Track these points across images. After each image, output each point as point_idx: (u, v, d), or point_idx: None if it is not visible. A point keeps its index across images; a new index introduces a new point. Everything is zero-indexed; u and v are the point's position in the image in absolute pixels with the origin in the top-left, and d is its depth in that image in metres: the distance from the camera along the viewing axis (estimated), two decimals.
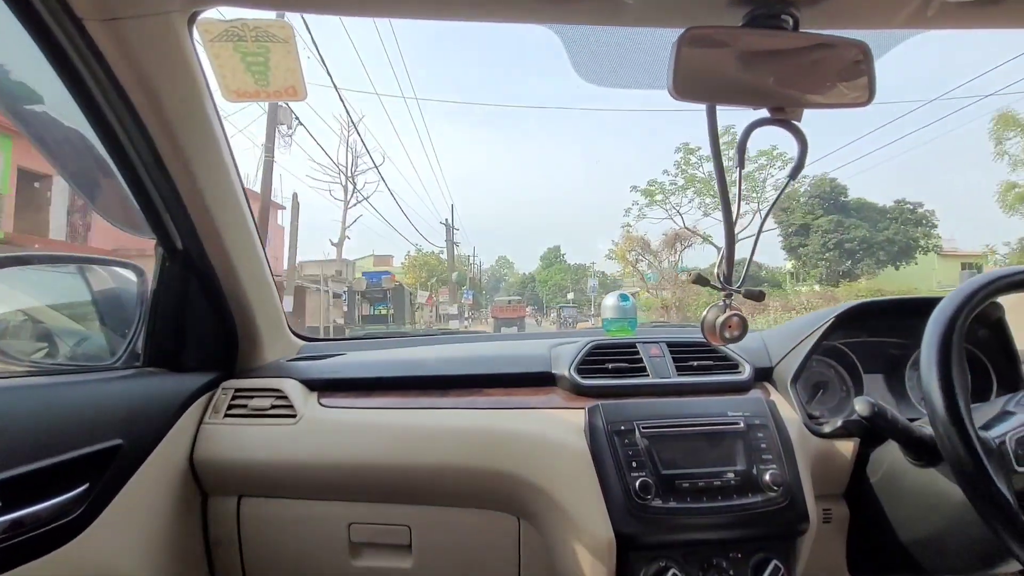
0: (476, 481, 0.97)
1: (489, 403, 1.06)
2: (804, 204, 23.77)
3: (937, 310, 0.75)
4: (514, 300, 29.68)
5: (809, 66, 0.62)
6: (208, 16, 0.77)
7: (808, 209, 23.67)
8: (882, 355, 1.20)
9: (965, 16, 0.64)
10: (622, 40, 0.69)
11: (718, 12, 0.62)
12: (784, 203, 22.48)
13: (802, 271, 24.01)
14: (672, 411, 0.95)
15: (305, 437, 1.01)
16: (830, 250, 22.79)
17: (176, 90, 0.82)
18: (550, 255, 57.49)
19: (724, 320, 0.72)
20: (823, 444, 1.00)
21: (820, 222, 23.10)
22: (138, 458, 0.88)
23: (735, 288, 0.71)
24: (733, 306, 0.73)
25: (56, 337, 1.07)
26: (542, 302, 50.92)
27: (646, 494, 0.85)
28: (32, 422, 0.74)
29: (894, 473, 0.92)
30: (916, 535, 0.88)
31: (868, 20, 0.66)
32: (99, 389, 0.89)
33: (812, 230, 23.35)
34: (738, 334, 0.72)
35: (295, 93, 0.81)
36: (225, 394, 1.07)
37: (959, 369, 0.71)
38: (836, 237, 22.74)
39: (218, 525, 1.04)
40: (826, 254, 22.90)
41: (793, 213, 23.71)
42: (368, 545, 1.03)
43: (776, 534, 0.88)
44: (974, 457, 0.67)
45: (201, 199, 0.93)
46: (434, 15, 0.70)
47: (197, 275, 1.03)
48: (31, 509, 0.70)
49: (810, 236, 23.44)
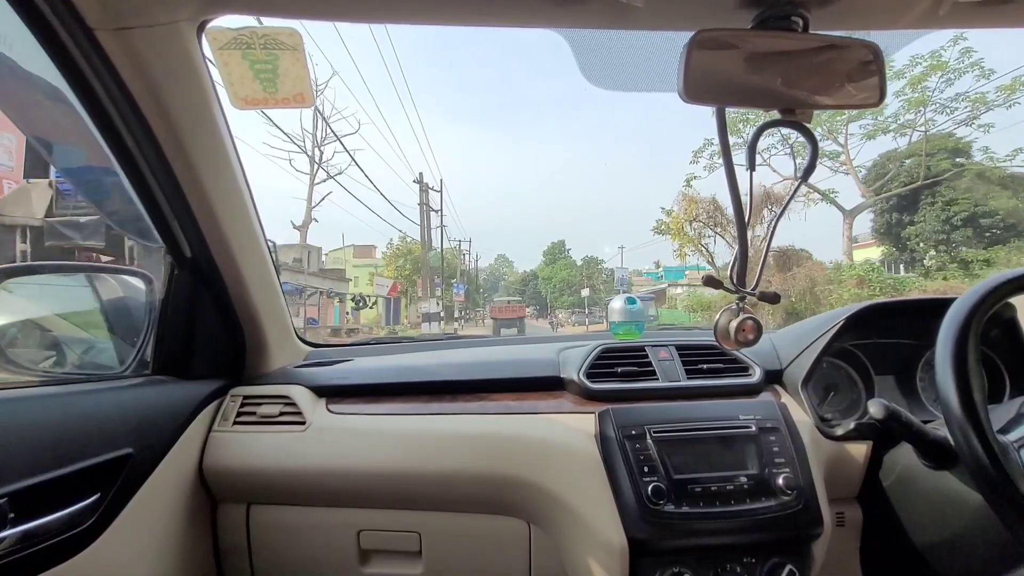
0: (486, 487, 0.97)
1: (498, 408, 1.05)
2: (909, 169, 16.11)
3: (952, 310, 0.74)
4: (513, 300, 29.30)
5: (819, 67, 0.62)
6: (217, 24, 0.77)
7: (913, 176, 15.70)
8: (893, 357, 1.19)
9: (977, 16, 0.63)
10: (631, 44, 0.69)
11: (728, 14, 0.62)
12: (874, 173, 16.87)
13: (900, 258, 17.32)
14: (683, 415, 0.95)
15: (314, 444, 1.01)
16: (955, 227, 15.38)
17: (185, 98, 0.82)
18: (554, 250, 53.60)
19: (738, 324, 0.69)
20: (835, 447, 0.99)
21: (942, 191, 15.37)
22: (148, 467, 0.88)
23: (749, 291, 0.69)
24: (747, 309, 0.70)
25: (65, 346, 1.07)
26: (546, 301, 47.22)
27: (659, 499, 0.85)
28: (42, 432, 0.74)
29: (908, 476, 0.91)
30: (931, 538, 0.87)
31: (879, 20, 0.66)
32: (109, 398, 0.89)
33: (923, 202, 16.02)
34: (752, 338, 0.69)
35: (303, 100, 0.81)
36: (234, 401, 1.07)
37: (975, 370, 0.70)
38: (964, 210, 15.13)
39: (228, 533, 1.04)
40: (951, 233, 15.47)
41: (893, 181, 16.37)
42: (378, 552, 1.02)
43: (790, 538, 0.88)
44: (993, 460, 0.66)
45: (209, 207, 0.93)
46: (442, 21, 0.70)
47: (205, 282, 1.03)
48: (43, 520, 0.70)
49: (920, 210, 16.13)
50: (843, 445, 0.99)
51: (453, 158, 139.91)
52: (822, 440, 0.99)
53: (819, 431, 0.99)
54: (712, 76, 0.60)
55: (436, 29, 0.91)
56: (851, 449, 1.00)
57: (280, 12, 0.71)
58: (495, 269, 75.28)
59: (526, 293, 51.00)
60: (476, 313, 37.15)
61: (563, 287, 45.81)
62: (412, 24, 0.72)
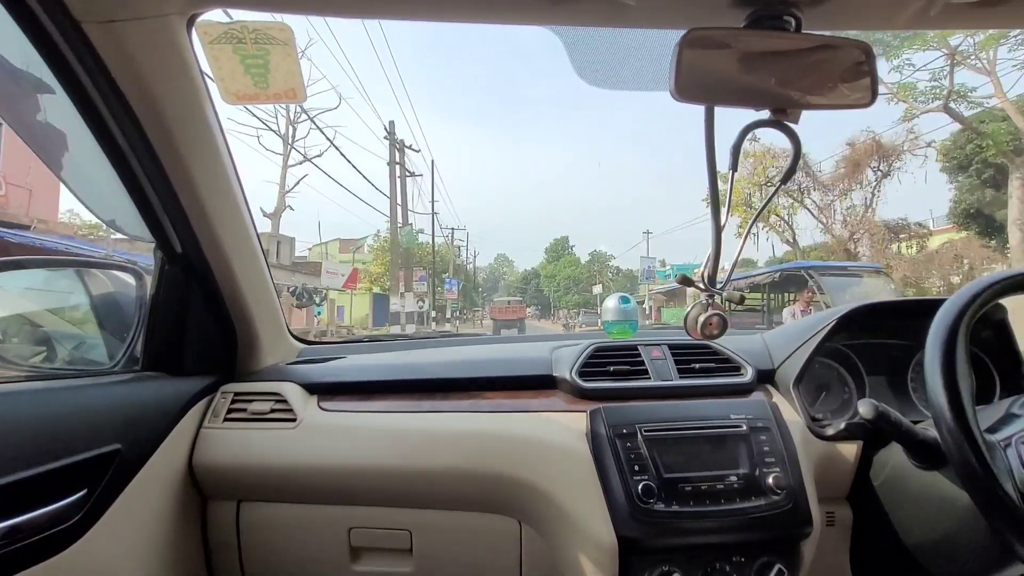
0: (477, 485, 0.97)
1: (490, 406, 1.05)
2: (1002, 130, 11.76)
3: (941, 311, 0.74)
4: (514, 301, 29.09)
5: (811, 67, 0.62)
6: (207, 18, 0.76)
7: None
8: (885, 357, 1.20)
9: (968, 16, 0.64)
10: (623, 42, 0.69)
11: (720, 13, 0.62)
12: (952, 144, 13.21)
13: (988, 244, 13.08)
14: (674, 414, 0.95)
15: (305, 441, 1.01)
16: None
17: (175, 93, 0.81)
18: (557, 247, 52.19)
19: (706, 319, 0.78)
20: (826, 447, 0.99)
21: None
22: (137, 463, 0.87)
23: (716, 290, 0.75)
24: (716, 305, 0.78)
25: (54, 341, 1.06)
26: (548, 301, 44.81)
27: (648, 497, 0.85)
28: (30, 427, 0.74)
29: (898, 476, 0.91)
30: (920, 539, 0.88)
31: (871, 21, 0.66)
32: (97, 393, 0.88)
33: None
34: (717, 332, 0.78)
35: (295, 95, 0.81)
36: (224, 398, 1.07)
37: (964, 371, 0.70)
38: None
39: (218, 530, 1.03)
40: None
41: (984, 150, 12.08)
42: (368, 549, 1.02)
43: (779, 538, 0.88)
44: (980, 460, 0.66)
45: (200, 202, 0.93)
46: (435, 17, 0.70)
47: (196, 278, 1.03)
48: (29, 515, 0.69)
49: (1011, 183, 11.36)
50: (834, 445, 1.00)
51: (450, 158, 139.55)
52: (813, 440, 0.99)
53: (810, 431, 1.00)
54: (704, 75, 0.60)
55: (432, 28, 0.90)
56: (842, 449, 1.00)
57: (271, 7, 0.70)
58: (495, 269, 74.05)
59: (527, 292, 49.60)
60: (475, 313, 36.09)
61: (568, 284, 43.84)
62: (404, 19, 0.71)
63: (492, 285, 66.18)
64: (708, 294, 0.76)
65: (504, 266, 75.20)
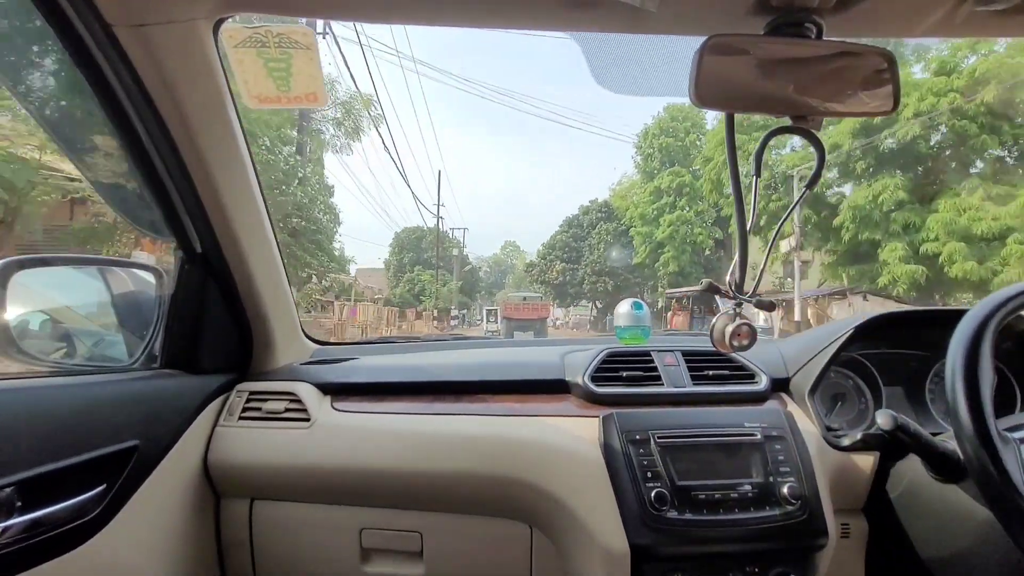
0: (488, 488, 0.96)
1: (502, 410, 1.05)
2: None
3: (964, 321, 0.73)
4: (532, 297, 22.62)
5: (832, 74, 0.61)
6: (232, 22, 0.78)
7: None
8: (902, 367, 1.18)
9: (993, 24, 0.63)
10: (643, 48, 0.69)
11: (741, 20, 0.62)
12: None
13: None
14: (688, 421, 0.94)
15: (318, 441, 1.01)
16: None
17: (200, 95, 0.83)
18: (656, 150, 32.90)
19: (734, 329, 0.73)
20: (842, 457, 0.98)
21: None
22: (154, 459, 0.88)
23: (746, 298, 0.72)
24: (743, 315, 0.73)
25: (76, 338, 1.08)
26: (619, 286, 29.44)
27: (661, 505, 0.84)
28: (51, 422, 0.75)
29: (915, 488, 0.90)
30: (938, 552, 0.86)
31: (893, 28, 0.65)
32: (117, 390, 0.90)
33: None
34: (747, 343, 0.73)
35: (316, 99, 0.82)
36: (240, 397, 1.08)
37: (987, 381, 0.69)
38: None
39: (231, 527, 1.04)
40: None
41: None
42: (379, 551, 1.02)
43: (794, 548, 0.87)
44: (1002, 473, 0.65)
45: (221, 203, 0.94)
46: (456, 23, 0.70)
47: (215, 278, 1.04)
48: (51, 508, 0.71)
49: None
50: (849, 456, 0.98)
51: (461, 162, 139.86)
52: (828, 450, 0.98)
53: (825, 441, 0.98)
54: (724, 81, 0.60)
55: (451, 37, 0.91)
56: (858, 460, 0.99)
57: (296, 11, 0.71)
58: (500, 260, 62.25)
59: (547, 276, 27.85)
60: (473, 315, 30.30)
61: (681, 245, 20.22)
62: (426, 25, 0.72)
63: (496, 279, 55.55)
64: (736, 303, 0.72)
65: (513, 255, 60.99)
